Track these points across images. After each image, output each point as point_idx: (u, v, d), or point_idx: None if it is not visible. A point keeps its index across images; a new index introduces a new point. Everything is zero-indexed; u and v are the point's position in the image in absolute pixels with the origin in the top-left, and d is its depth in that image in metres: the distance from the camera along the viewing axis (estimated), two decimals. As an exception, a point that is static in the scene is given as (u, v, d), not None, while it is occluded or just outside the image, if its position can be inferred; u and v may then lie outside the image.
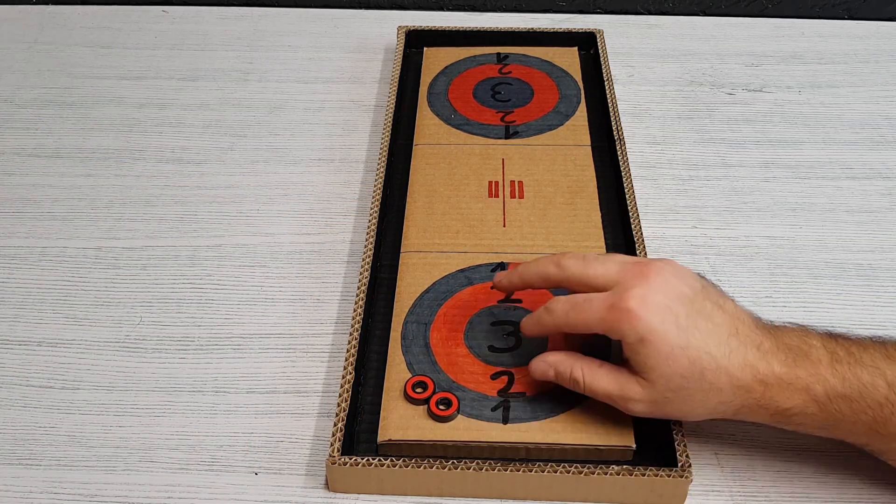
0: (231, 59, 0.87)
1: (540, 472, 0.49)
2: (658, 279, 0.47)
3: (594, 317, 0.47)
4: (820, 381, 0.45)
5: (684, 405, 0.47)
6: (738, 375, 0.45)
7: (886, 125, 0.78)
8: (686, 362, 0.45)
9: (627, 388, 0.47)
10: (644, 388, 0.47)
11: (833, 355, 0.46)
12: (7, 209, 0.70)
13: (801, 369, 0.45)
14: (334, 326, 0.60)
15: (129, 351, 0.59)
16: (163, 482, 0.51)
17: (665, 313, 0.45)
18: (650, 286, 0.46)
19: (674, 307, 0.46)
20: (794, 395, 0.45)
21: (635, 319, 0.45)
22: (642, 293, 0.46)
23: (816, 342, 0.47)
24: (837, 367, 0.45)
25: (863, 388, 0.45)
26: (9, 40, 0.90)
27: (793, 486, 0.51)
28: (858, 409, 0.45)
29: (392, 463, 0.49)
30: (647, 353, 0.45)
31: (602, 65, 0.79)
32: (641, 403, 0.47)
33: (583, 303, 0.48)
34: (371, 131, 0.78)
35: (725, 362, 0.45)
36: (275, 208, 0.70)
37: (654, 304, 0.46)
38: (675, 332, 0.45)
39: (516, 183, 0.67)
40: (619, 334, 0.46)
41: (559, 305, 0.49)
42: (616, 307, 0.46)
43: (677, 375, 0.45)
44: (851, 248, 0.66)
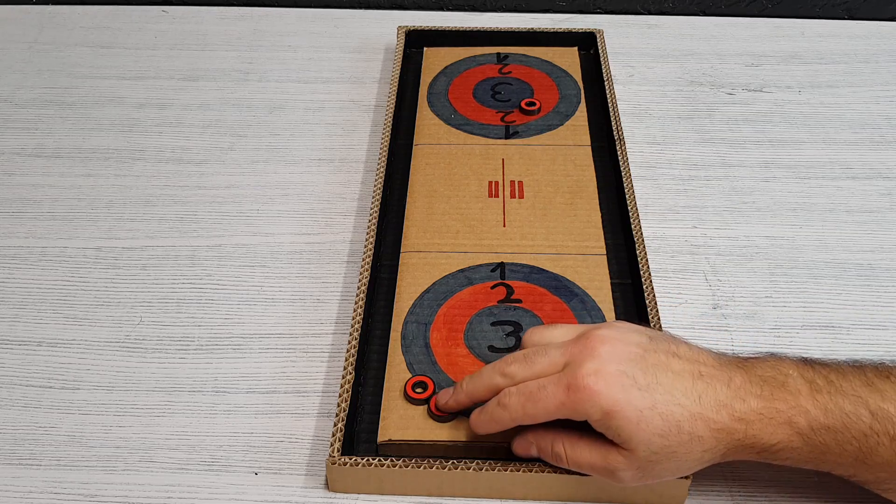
0: (231, 59, 0.87)
1: (540, 472, 0.49)
2: (604, 348, 0.45)
3: (553, 403, 0.45)
4: (801, 413, 0.44)
5: (671, 463, 0.45)
6: (714, 418, 0.44)
7: (886, 125, 0.78)
8: (659, 420, 0.44)
9: (610, 458, 0.45)
10: (626, 458, 0.45)
11: (812, 385, 0.45)
12: (7, 209, 0.70)
13: (779, 402, 0.44)
14: (334, 326, 0.60)
15: (129, 351, 0.59)
16: (163, 482, 0.51)
17: (622, 379, 0.44)
18: (600, 358, 0.45)
19: (629, 371, 0.45)
20: (777, 430, 0.44)
21: (595, 395, 0.44)
22: (594, 367, 0.45)
23: (792, 371, 0.45)
24: (818, 398, 0.44)
25: (846, 419, 0.44)
26: (9, 40, 0.90)
27: (793, 486, 0.51)
28: (843, 440, 0.44)
29: (392, 463, 0.49)
30: (619, 424, 0.44)
31: (602, 65, 0.79)
32: (628, 472, 0.45)
33: (537, 392, 0.46)
34: (371, 131, 0.78)
35: (698, 408, 0.44)
36: (275, 208, 0.70)
37: (610, 375, 0.44)
38: (638, 395, 0.44)
39: (516, 183, 0.67)
40: (584, 415, 0.45)
41: (512, 399, 0.46)
42: (572, 387, 0.44)
43: (655, 436, 0.44)
44: (851, 248, 0.66)
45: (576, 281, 0.60)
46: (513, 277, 0.60)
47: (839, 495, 0.50)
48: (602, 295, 0.59)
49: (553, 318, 0.57)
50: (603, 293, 0.59)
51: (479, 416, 0.49)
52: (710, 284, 0.63)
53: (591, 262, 0.61)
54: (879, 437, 0.43)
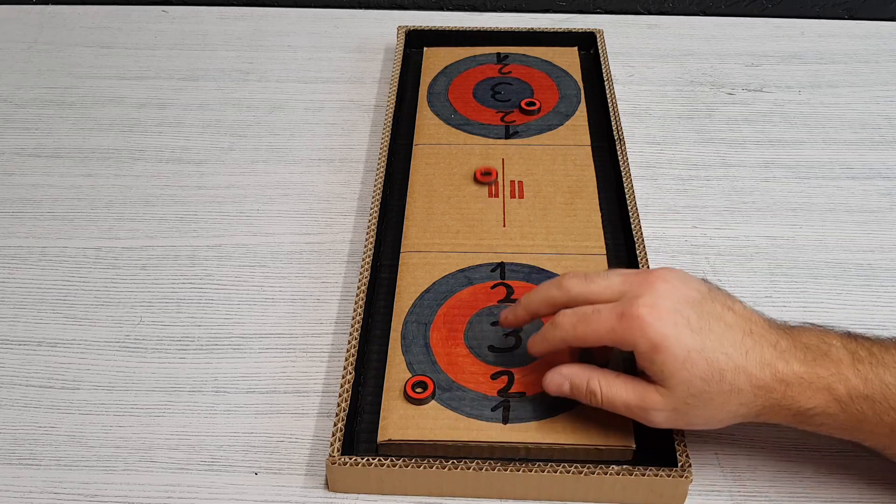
0: (231, 59, 0.87)
1: (540, 472, 0.49)
2: (664, 286, 0.46)
3: (604, 327, 0.46)
4: (842, 381, 0.44)
5: (706, 410, 0.46)
6: (758, 375, 0.45)
7: (886, 125, 0.78)
8: (704, 364, 0.44)
9: (647, 397, 0.46)
10: (664, 397, 0.45)
11: (854, 355, 0.45)
12: (7, 209, 0.70)
13: (821, 368, 0.45)
14: (334, 326, 0.60)
15: (129, 351, 0.59)
16: (163, 482, 0.51)
17: (676, 317, 0.45)
18: (657, 293, 0.46)
19: (684, 311, 0.45)
20: (816, 395, 0.45)
21: (647, 326, 0.45)
22: (651, 300, 0.45)
23: (836, 341, 0.46)
24: (859, 367, 0.45)
25: (886, 390, 0.44)
26: (9, 40, 0.90)
27: (793, 486, 0.51)
28: (881, 410, 0.44)
29: (392, 463, 0.49)
30: (664, 359, 0.44)
31: (602, 65, 0.79)
32: (663, 413, 0.46)
33: (591, 314, 0.47)
34: (371, 131, 0.78)
35: (743, 362, 0.45)
36: (275, 208, 0.70)
37: (664, 310, 0.45)
38: (689, 336, 0.45)
39: (516, 183, 0.67)
40: (631, 344, 0.45)
41: (566, 319, 0.48)
42: (626, 315, 0.45)
43: (697, 379, 0.44)
44: (851, 248, 0.66)
45: (576, 281, 0.60)
46: (513, 277, 0.60)
47: (839, 495, 0.50)
48: (602, 295, 0.59)
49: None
50: (603, 293, 0.59)
51: (533, 338, 0.50)
52: (710, 284, 0.63)
53: (591, 262, 0.61)
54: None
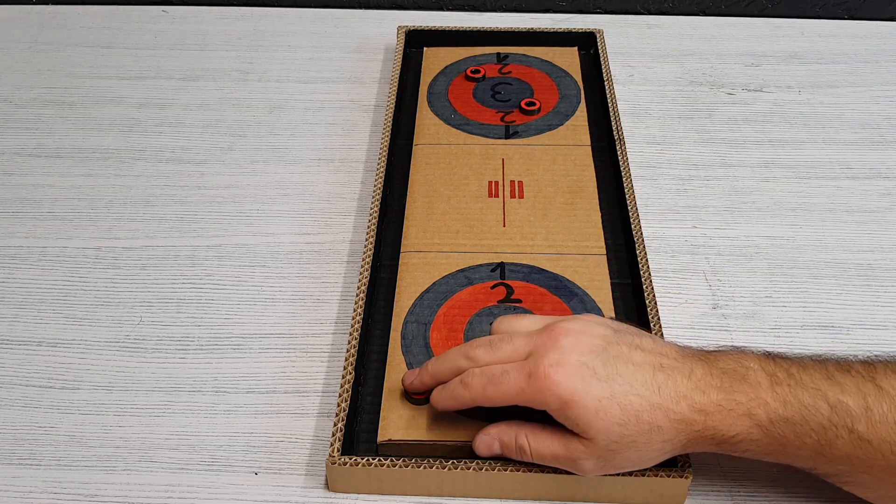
0: (231, 59, 0.87)
1: (540, 472, 0.49)
2: (568, 340, 0.46)
3: (513, 389, 0.46)
4: (761, 405, 0.44)
5: (631, 452, 0.45)
6: (674, 409, 0.44)
7: (886, 125, 0.78)
8: (617, 410, 0.44)
9: (571, 447, 0.46)
10: (587, 447, 0.45)
11: (772, 377, 0.45)
12: (7, 209, 0.70)
13: (739, 394, 0.44)
14: (334, 326, 0.60)
15: (129, 351, 0.59)
16: (163, 482, 0.51)
17: (582, 370, 0.45)
18: (562, 349, 0.46)
19: (589, 362, 0.45)
20: (737, 422, 0.44)
21: (555, 385, 0.45)
22: (556, 357, 0.45)
23: (753, 364, 0.46)
24: (777, 390, 0.44)
25: (805, 411, 0.44)
26: (9, 40, 0.90)
27: (793, 486, 0.51)
28: (802, 432, 0.44)
29: (392, 463, 0.49)
30: (577, 413, 0.44)
31: (602, 65, 0.79)
32: (589, 461, 0.46)
33: (500, 376, 0.46)
34: (371, 131, 0.78)
35: (657, 399, 0.44)
36: (275, 208, 0.70)
37: (570, 365, 0.45)
38: (597, 385, 0.44)
39: (516, 183, 0.67)
40: (542, 403, 0.45)
41: (475, 380, 0.47)
42: (533, 376, 0.45)
43: (614, 425, 0.44)
44: (851, 248, 0.66)
45: (576, 281, 0.60)
46: (513, 277, 0.60)
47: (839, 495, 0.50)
48: (602, 295, 0.59)
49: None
50: (603, 293, 0.59)
51: (440, 393, 0.50)
52: (710, 284, 0.63)
53: (591, 262, 0.61)
54: (838, 430, 0.43)
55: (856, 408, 0.43)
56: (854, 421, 0.43)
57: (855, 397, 0.44)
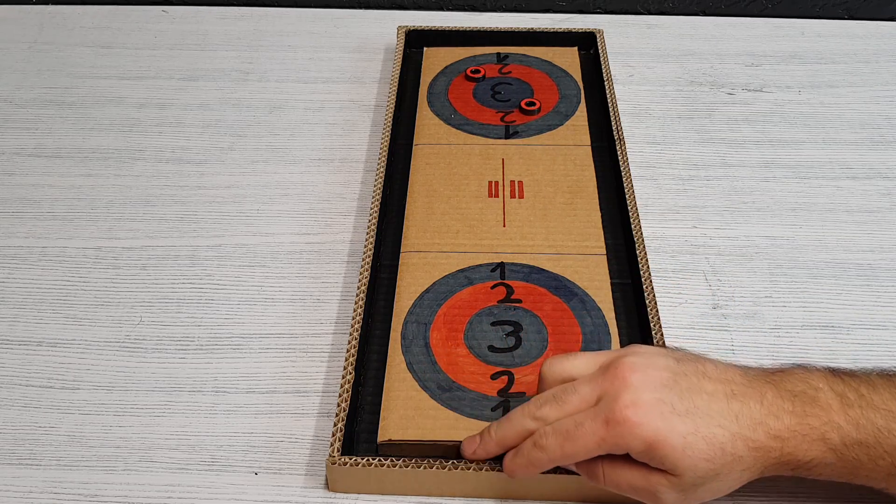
0: (231, 59, 0.87)
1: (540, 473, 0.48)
2: (636, 376, 0.45)
3: (592, 441, 0.44)
4: (834, 429, 0.44)
5: (713, 484, 0.45)
6: (752, 437, 0.44)
7: (886, 125, 0.78)
8: (704, 445, 0.43)
9: (653, 480, 0.45)
10: (671, 482, 0.44)
11: (842, 399, 0.44)
12: (7, 209, 0.70)
13: (812, 418, 0.44)
14: (334, 326, 0.60)
15: (129, 351, 0.59)
16: (163, 482, 0.51)
17: (660, 407, 0.44)
18: (633, 388, 0.44)
19: (665, 398, 0.44)
20: (812, 447, 0.44)
21: (636, 427, 0.43)
22: (631, 398, 0.44)
23: (822, 384, 0.45)
24: (850, 413, 0.44)
25: (878, 434, 0.43)
26: (9, 40, 0.90)
27: (793, 486, 0.51)
28: (876, 455, 0.44)
29: (392, 463, 0.49)
30: (664, 454, 0.43)
31: (602, 65, 0.79)
32: (671, 493, 0.45)
33: (575, 430, 0.45)
34: (371, 131, 0.78)
35: (737, 428, 0.44)
36: (275, 208, 0.70)
37: (647, 404, 0.44)
38: (679, 422, 0.43)
39: (516, 183, 0.67)
40: (625, 448, 0.44)
41: (550, 441, 0.45)
42: (611, 422, 0.44)
43: (702, 461, 0.43)
44: (851, 248, 0.66)
45: (576, 281, 0.60)
46: (513, 277, 0.60)
47: (839, 495, 0.50)
48: (602, 295, 0.59)
49: (553, 317, 0.57)
50: (603, 293, 0.59)
51: (514, 460, 0.47)
52: (710, 284, 0.63)
53: (591, 262, 0.61)
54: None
55: None
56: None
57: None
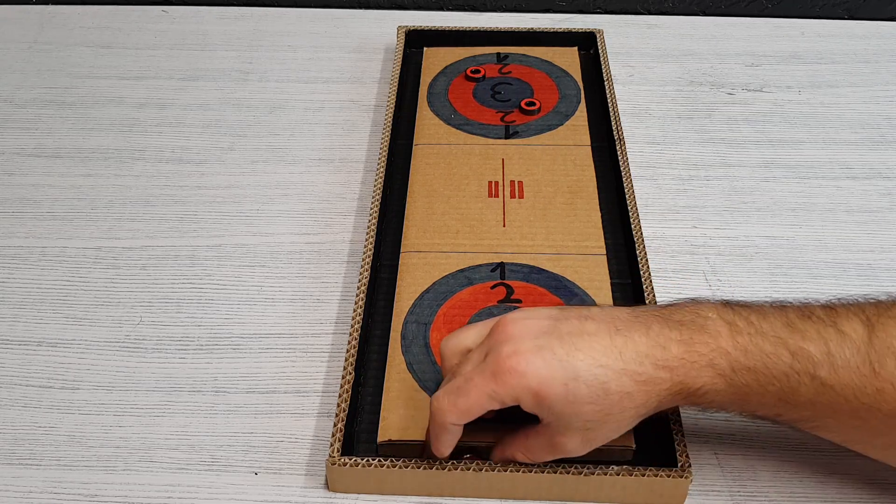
0: (231, 59, 0.87)
1: (540, 473, 0.49)
2: (515, 327, 0.45)
3: (483, 394, 0.44)
4: (722, 355, 0.44)
5: (609, 425, 0.45)
6: (638, 371, 0.44)
7: (886, 125, 0.78)
8: (586, 390, 0.43)
9: (556, 440, 0.46)
10: (566, 435, 0.45)
11: (732, 326, 0.44)
12: (7, 209, 0.70)
13: (699, 345, 0.44)
14: (334, 326, 0.60)
15: (129, 351, 0.59)
16: (163, 482, 0.51)
17: (541, 353, 0.44)
18: (513, 338, 0.45)
19: (544, 343, 0.44)
20: (701, 373, 0.44)
21: (521, 377, 0.44)
22: (512, 348, 0.44)
23: (712, 314, 0.45)
24: (738, 339, 0.44)
25: (766, 360, 0.44)
26: (9, 40, 0.90)
27: (793, 486, 0.51)
28: (765, 381, 0.44)
29: (392, 463, 0.49)
30: (549, 403, 0.44)
31: (602, 65, 0.79)
32: (573, 444, 0.46)
33: (464, 385, 0.45)
34: (371, 131, 0.78)
35: (622, 364, 0.44)
36: (275, 208, 0.70)
37: (527, 351, 0.44)
38: (560, 368, 0.44)
39: (516, 183, 0.67)
40: (515, 399, 0.44)
41: (443, 401, 0.46)
42: (497, 373, 0.44)
43: (586, 405, 0.44)
44: (851, 248, 0.66)
45: (576, 281, 0.60)
46: (513, 277, 0.60)
47: (839, 495, 0.50)
48: (602, 295, 0.59)
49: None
50: (603, 293, 0.59)
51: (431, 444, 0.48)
52: (710, 284, 0.63)
53: (591, 262, 0.61)
54: (800, 377, 0.43)
55: (817, 354, 0.43)
56: (816, 367, 0.43)
57: (816, 344, 0.43)
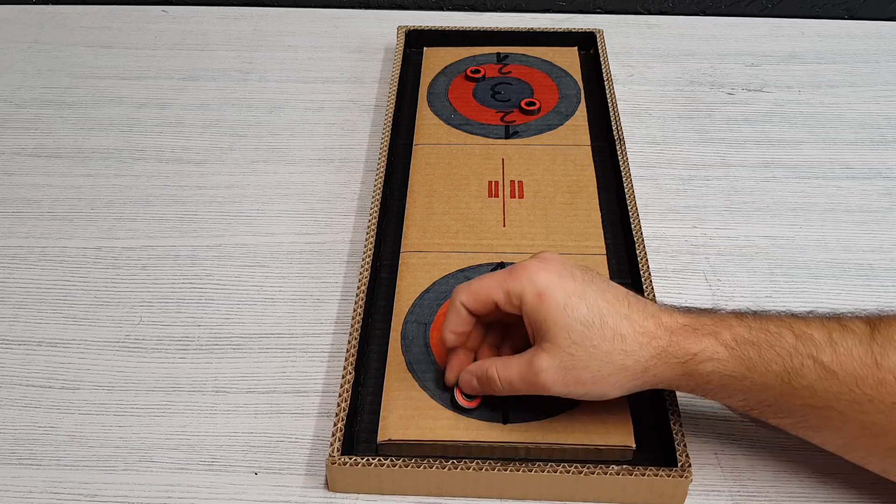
0: (231, 59, 0.87)
1: (540, 472, 0.49)
2: (548, 254, 0.49)
3: (496, 279, 0.48)
4: (726, 327, 0.46)
5: (592, 361, 0.46)
6: (640, 322, 0.46)
7: (886, 125, 0.78)
8: (584, 308, 0.46)
9: (535, 360, 0.47)
10: (548, 352, 0.46)
11: (737, 312, 0.47)
12: (7, 209, 0.70)
13: (705, 318, 0.46)
14: (334, 326, 0.60)
15: (129, 351, 0.59)
16: (163, 482, 0.51)
17: (561, 268, 0.47)
18: (543, 258, 0.49)
19: (568, 267, 0.48)
20: (702, 340, 0.45)
21: (533, 274, 0.47)
22: (538, 262, 0.48)
23: (721, 308, 0.48)
24: (743, 318, 0.46)
25: (770, 337, 0.45)
26: (9, 40, 0.90)
27: (793, 486, 0.51)
28: (768, 357, 0.44)
29: (392, 463, 0.49)
30: (547, 306, 0.46)
31: (602, 65, 0.79)
32: (550, 370, 0.46)
33: (479, 280, 0.49)
34: (371, 131, 0.78)
35: (626, 310, 0.46)
36: (275, 208, 0.70)
37: (551, 262, 0.48)
38: (572, 282, 0.47)
39: (516, 183, 0.67)
40: (519, 293, 0.47)
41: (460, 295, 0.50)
42: (515, 268, 0.48)
43: (577, 323, 0.46)
44: (851, 248, 0.66)
45: (576, 281, 0.59)
46: (513, 277, 0.60)
47: (839, 495, 0.50)
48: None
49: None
50: (603, 293, 0.59)
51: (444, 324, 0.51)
52: (710, 284, 0.63)
53: (591, 262, 0.61)
54: (804, 358, 0.44)
55: (820, 339, 0.44)
56: (819, 351, 0.44)
57: (819, 330, 0.45)
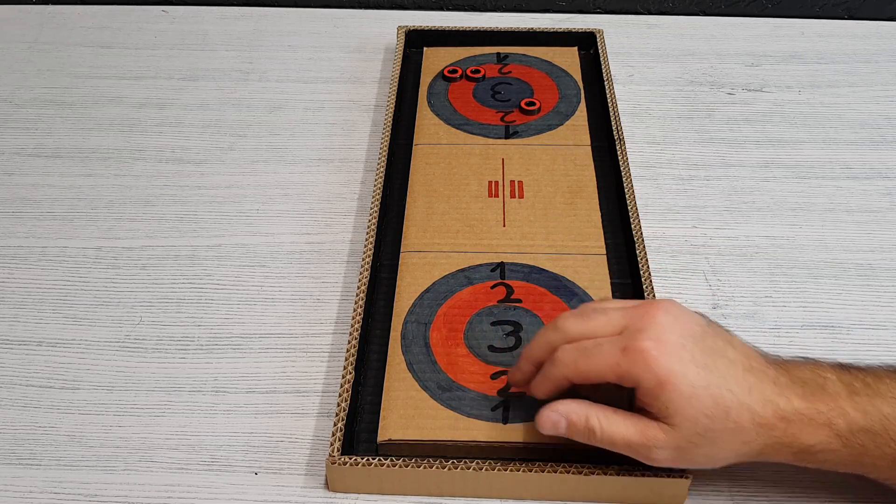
0: (231, 59, 0.87)
1: (540, 472, 0.49)
2: (666, 318, 0.45)
3: (606, 362, 0.44)
4: (841, 415, 0.44)
5: (710, 449, 0.44)
6: (760, 412, 0.44)
7: (886, 125, 0.78)
8: (710, 401, 0.43)
9: (649, 433, 0.44)
10: (667, 434, 0.44)
11: (850, 387, 0.44)
12: (7, 209, 0.70)
13: (820, 403, 0.44)
14: (334, 326, 0.60)
15: (129, 351, 0.59)
16: (163, 482, 0.51)
17: (681, 352, 0.43)
18: (661, 326, 0.44)
19: (688, 346, 0.44)
20: (817, 431, 0.44)
21: (652, 361, 0.43)
22: (655, 334, 0.44)
23: (830, 375, 0.45)
24: (857, 400, 0.44)
25: (885, 422, 0.43)
26: (9, 40, 0.90)
27: (793, 486, 0.51)
28: (882, 442, 0.44)
29: (392, 463, 0.49)
30: (669, 396, 0.43)
31: (602, 65, 0.79)
32: (665, 450, 0.44)
33: (592, 348, 0.45)
34: (371, 131, 0.78)
35: (747, 399, 0.44)
36: (275, 208, 0.70)
37: (670, 344, 0.43)
38: (695, 372, 0.43)
39: (516, 183, 0.67)
40: (636, 379, 0.44)
41: (566, 354, 0.46)
42: (630, 349, 0.44)
43: (703, 416, 0.43)
44: (851, 248, 0.66)
45: (576, 281, 0.60)
46: (513, 277, 0.60)
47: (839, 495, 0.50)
48: (602, 295, 0.59)
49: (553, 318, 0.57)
50: (603, 293, 0.59)
51: (535, 381, 0.48)
52: (710, 284, 0.63)
53: (591, 262, 0.61)
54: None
55: None
56: None
57: None
